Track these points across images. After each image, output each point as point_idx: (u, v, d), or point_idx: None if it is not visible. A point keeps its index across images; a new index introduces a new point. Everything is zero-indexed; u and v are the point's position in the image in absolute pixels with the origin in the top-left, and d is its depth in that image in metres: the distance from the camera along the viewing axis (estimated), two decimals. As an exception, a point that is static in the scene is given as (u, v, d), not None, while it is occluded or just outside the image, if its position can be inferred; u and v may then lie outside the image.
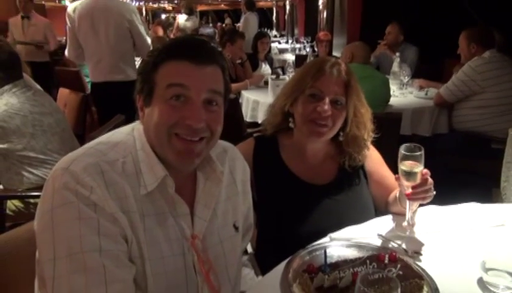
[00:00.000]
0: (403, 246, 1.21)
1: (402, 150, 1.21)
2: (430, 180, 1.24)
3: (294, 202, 1.40)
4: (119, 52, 3.36)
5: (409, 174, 1.21)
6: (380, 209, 1.52)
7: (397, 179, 1.26)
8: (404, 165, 1.21)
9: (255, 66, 4.61)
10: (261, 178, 1.29)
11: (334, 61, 1.43)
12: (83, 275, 0.81)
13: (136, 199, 0.92)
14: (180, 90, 0.93)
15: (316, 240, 1.22)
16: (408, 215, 1.28)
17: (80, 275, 0.81)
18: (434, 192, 1.26)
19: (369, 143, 1.48)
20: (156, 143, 0.97)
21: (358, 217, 1.37)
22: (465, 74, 3.01)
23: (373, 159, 1.54)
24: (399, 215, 1.37)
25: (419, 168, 1.20)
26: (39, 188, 2.10)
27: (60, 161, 0.92)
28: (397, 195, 1.39)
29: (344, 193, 1.44)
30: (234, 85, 3.78)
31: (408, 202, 1.26)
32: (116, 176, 0.91)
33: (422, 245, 1.23)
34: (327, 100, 1.36)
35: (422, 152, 1.20)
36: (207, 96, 0.96)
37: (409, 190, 1.23)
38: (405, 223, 1.29)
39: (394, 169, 1.28)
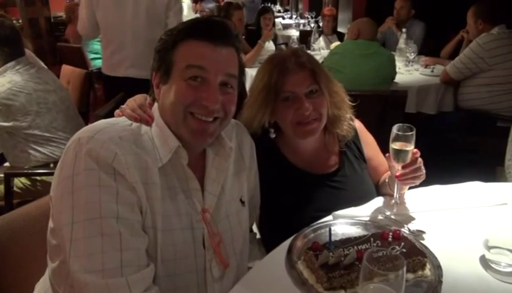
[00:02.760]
0: (407, 224, 1.22)
1: (394, 130, 1.22)
2: (420, 159, 1.24)
3: (297, 194, 1.38)
4: (148, 40, 2.45)
5: (400, 154, 1.22)
6: None
7: (388, 158, 1.26)
8: (395, 145, 1.22)
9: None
10: (260, 169, 1.28)
11: (291, 53, 1.35)
12: (99, 240, 0.84)
13: (155, 172, 0.95)
14: (198, 72, 0.97)
15: None
16: (396, 195, 1.29)
17: (97, 239, 0.84)
18: (424, 171, 1.26)
19: (350, 116, 1.46)
20: (171, 120, 1.00)
21: (362, 202, 1.36)
22: (472, 51, 2.96)
23: (371, 146, 1.54)
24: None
25: (410, 148, 1.21)
26: (45, 165, 2.14)
27: (81, 131, 0.94)
28: (386, 179, 1.39)
29: (349, 181, 1.43)
30: (248, 55, 3.73)
31: (396, 183, 1.27)
32: (139, 149, 0.94)
33: (425, 223, 1.24)
34: (303, 97, 1.30)
35: (414, 132, 1.21)
36: (223, 79, 1.00)
37: (399, 171, 1.24)
38: (392, 202, 1.30)
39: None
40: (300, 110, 1.30)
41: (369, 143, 1.53)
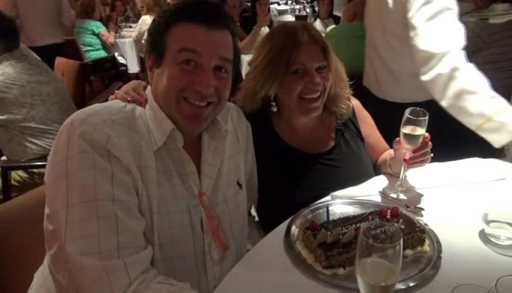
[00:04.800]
0: (405, 202, 1.22)
1: (407, 113, 1.20)
2: (430, 143, 1.23)
3: (293, 174, 1.37)
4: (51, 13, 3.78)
5: (412, 138, 1.20)
6: None
7: (397, 142, 1.25)
8: (407, 129, 1.20)
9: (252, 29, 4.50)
10: (256, 151, 1.26)
11: (302, 27, 1.32)
12: (95, 222, 0.83)
13: (149, 155, 0.94)
14: (191, 55, 0.95)
15: None
16: (402, 177, 1.28)
17: (92, 222, 0.83)
18: (432, 154, 1.25)
19: (348, 96, 1.45)
20: (165, 105, 0.99)
21: (360, 179, 1.36)
22: (470, 30, 2.92)
23: (368, 124, 1.53)
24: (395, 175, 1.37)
25: (421, 132, 1.19)
26: (42, 158, 2.13)
27: (74, 114, 0.93)
28: (388, 160, 1.38)
29: (344, 159, 1.42)
30: (244, 41, 3.71)
31: (403, 166, 1.26)
32: (132, 132, 0.93)
33: (424, 200, 1.24)
34: (314, 71, 1.29)
35: (427, 117, 1.18)
36: (217, 63, 0.97)
37: (408, 155, 1.23)
38: (398, 183, 1.29)
39: (396, 130, 1.26)
40: (310, 84, 1.28)
41: (366, 121, 1.52)
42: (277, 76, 1.29)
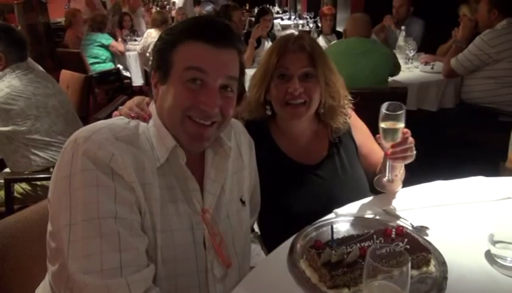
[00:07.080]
0: (410, 220, 1.21)
1: (383, 109, 1.18)
2: (411, 139, 1.22)
3: (289, 185, 1.39)
4: None
5: (390, 133, 1.19)
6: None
7: (378, 138, 1.24)
8: (385, 124, 1.19)
9: (258, 43, 4.54)
10: (256, 159, 1.28)
11: (295, 37, 1.40)
12: (98, 240, 0.83)
13: (153, 172, 0.94)
14: (198, 74, 0.95)
15: (314, 219, 1.21)
16: (388, 174, 1.27)
17: (95, 240, 0.83)
18: (415, 152, 1.24)
19: (346, 110, 1.46)
20: (169, 122, 0.99)
21: (353, 193, 1.37)
22: (478, 48, 2.89)
23: (363, 132, 1.53)
24: (401, 191, 1.37)
25: (400, 127, 1.18)
26: (45, 170, 2.13)
27: (78, 132, 0.93)
28: (382, 161, 1.37)
29: (337, 170, 1.43)
30: (245, 55, 3.76)
31: (388, 161, 1.26)
32: (135, 149, 0.93)
33: (428, 219, 1.23)
34: (296, 78, 1.33)
35: (404, 111, 1.17)
36: (223, 82, 0.98)
37: (390, 149, 1.22)
38: (385, 179, 1.28)
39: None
40: (290, 88, 1.33)
41: (358, 128, 1.53)
42: (264, 80, 1.38)
